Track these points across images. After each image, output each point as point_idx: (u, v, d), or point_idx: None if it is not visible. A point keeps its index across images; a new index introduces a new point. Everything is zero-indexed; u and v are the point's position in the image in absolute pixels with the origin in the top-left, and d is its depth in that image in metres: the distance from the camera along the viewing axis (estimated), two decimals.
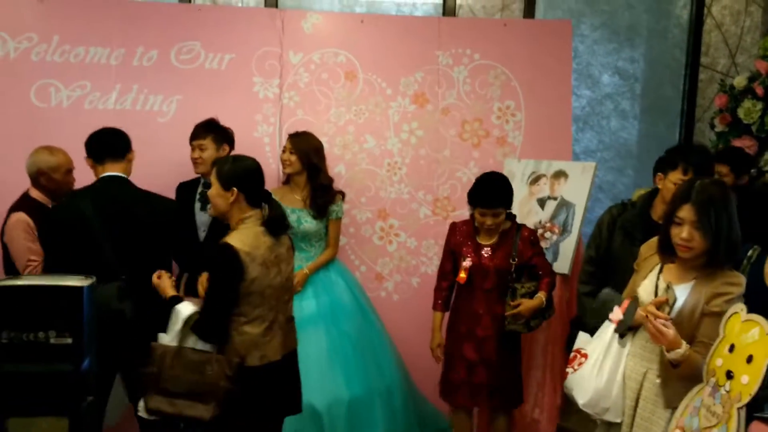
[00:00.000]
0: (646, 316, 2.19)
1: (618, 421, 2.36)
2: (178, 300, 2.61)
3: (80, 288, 1.43)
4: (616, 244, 2.96)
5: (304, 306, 3.48)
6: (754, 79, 4.20)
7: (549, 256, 3.56)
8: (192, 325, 2.50)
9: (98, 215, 2.89)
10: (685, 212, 2.21)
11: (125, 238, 2.93)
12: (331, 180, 3.64)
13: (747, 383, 1.89)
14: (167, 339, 2.53)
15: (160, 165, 3.66)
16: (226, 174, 2.57)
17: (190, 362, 2.47)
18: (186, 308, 2.56)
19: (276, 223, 2.62)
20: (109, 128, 3.15)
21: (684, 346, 2.13)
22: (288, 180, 3.64)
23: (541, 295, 3.17)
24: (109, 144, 3.08)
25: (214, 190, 2.59)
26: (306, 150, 3.53)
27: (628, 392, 2.34)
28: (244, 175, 2.59)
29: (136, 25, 3.84)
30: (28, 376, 1.40)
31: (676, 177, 2.74)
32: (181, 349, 2.48)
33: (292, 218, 3.51)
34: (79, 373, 1.45)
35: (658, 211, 2.86)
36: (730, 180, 3.75)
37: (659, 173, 2.86)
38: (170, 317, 2.57)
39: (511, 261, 3.17)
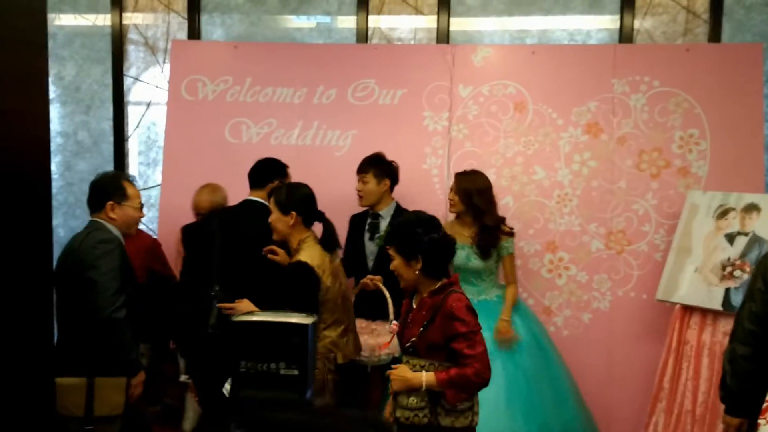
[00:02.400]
0: None
1: None
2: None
3: (306, 325, 1.59)
4: None
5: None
6: None
7: (737, 297, 3.26)
8: None
9: (220, 231, 3.21)
10: None
11: (231, 254, 3.17)
12: (498, 221, 3.52)
13: None
14: None
15: (335, 197, 3.84)
16: (284, 200, 2.86)
17: None
18: None
19: (330, 241, 2.93)
20: (261, 160, 3.45)
21: None
22: (459, 216, 3.61)
23: (422, 374, 2.35)
24: (251, 174, 3.42)
25: (275, 216, 2.87)
26: (468, 191, 3.49)
27: None
28: (300, 200, 2.88)
29: (318, 66, 4.12)
30: (261, 402, 1.58)
31: None
32: None
33: (461, 255, 3.52)
34: (303, 401, 1.61)
35: None
36: None
37: None
38: None
39: (419, 329, 2.43)
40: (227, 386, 2.67)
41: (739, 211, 3.49)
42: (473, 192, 3.48)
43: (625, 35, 4.26)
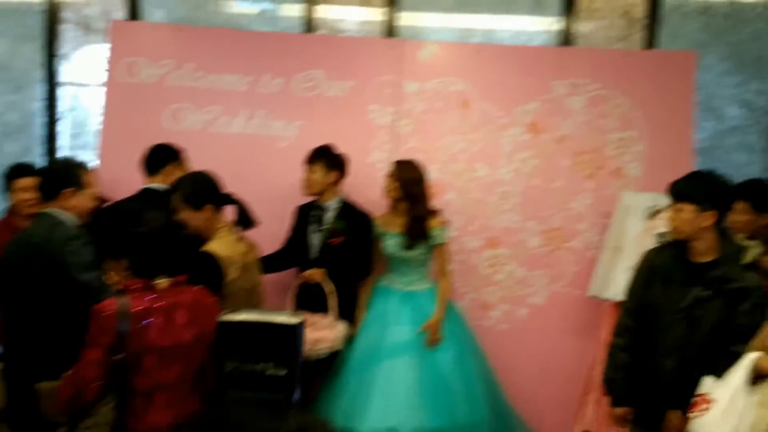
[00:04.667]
0: None
1: None
2: None
3: (294, 326, 1.55)
4: (656, 291, 2.67)
5: (399, 332, 3.51)
6: None
7: None
8: None
9: None
10: None
11: None
12: (426, 211, 3.57)
13: None
14: None
15: (279, 188, 3.84)
16: (194, 195, 2.75)
17: None
18: None
19: (245, 219, 2.87)
20: (153, 146, 3.44)
21: None
22: (393, 205, 3.66)
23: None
24: (145, 161, 3.40)
25: (187, 214, 2.72)
26: (408, 179, 3.55)
27: None
28: (210, 191, 2.80)
29: (264, 54, 4.05)
30: (246, 402, 1.52)
31: None
32: None
33: (392, 243, 3.58)
34: (289, 402, 1.57)
35: (691, 248, 2.60)
36: (749, 218, 3.25)
37: None
38: None
39: None
40: None
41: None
42: (411, 180, 3.54)
43: (566, 38, 4.38)
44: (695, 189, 2.56)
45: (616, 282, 3.66)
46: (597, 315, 3.80)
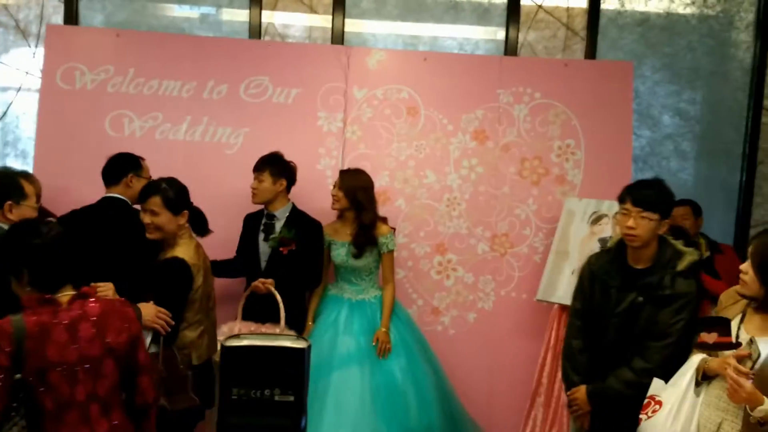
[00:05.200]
0: (726, 368, 2.16)
1: None
2: None
3: (302, 350, 1.48)
4: (597, 295, 2.75)
5: (350, 342, 3.50)
6: None
7: None
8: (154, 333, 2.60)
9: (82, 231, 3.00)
10: None
11: (96, 252, 2.95)
12: (374, 219, 3.57)
13: None
14: None
15: (226, 196, 3.77)
16: (176, 199, 2.76)
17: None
18: None
19: (203, 225, 2.86)
20: (113, 156, 3.34)
21: (767, 403, 2.08)
22: (341, 215, 3.66)
23: None
24: (105, 170, 3.30)
25: (164, 218, 2.73)
26: (353, 187, 3.54)
27: None
28: (187, 196, 2.82)
29: (208, 59, 3.97)
30: (252, 429, 1.45)
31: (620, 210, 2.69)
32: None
33: (341, 252, 3.58)
34: (298, 429, 1.50)
35: (631, 254, 2.70)
36: (690, 223, 3.93)
37: None
38: None
39: None
40: None
41: (611, 217, 3.76)
42: (357, 189, 3.54)
43: (510, 47, 4.47)
44: (661, 199, 2.63)
45: (562, 286, 3.75)
46: (544, 318, 3.87)
